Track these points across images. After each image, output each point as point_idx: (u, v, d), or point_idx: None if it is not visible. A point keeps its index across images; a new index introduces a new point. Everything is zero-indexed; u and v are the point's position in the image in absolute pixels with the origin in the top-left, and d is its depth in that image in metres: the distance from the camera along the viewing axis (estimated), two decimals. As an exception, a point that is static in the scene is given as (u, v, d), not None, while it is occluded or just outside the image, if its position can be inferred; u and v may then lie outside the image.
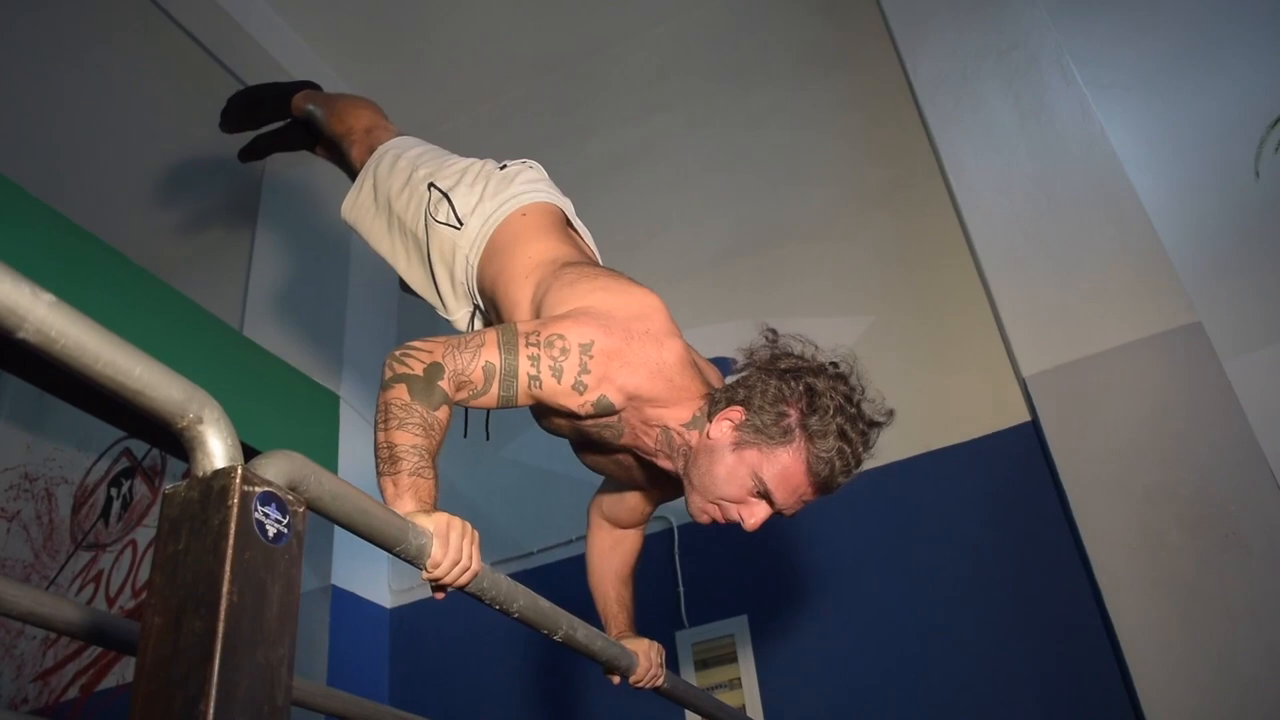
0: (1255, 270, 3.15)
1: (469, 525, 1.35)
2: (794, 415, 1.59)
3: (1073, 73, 3.50)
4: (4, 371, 4.92)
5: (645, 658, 1.92)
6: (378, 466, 1.43)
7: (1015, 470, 3.14)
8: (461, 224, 1.99)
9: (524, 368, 1.55)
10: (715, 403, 1.66)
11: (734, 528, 3.48)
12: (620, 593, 2.12)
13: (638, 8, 4.85)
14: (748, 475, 1.61)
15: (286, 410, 4.01)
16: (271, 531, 0.83)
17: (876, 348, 3.57)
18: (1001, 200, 3.37)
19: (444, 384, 1.49)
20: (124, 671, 4.45)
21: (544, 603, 1.50)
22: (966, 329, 3.45)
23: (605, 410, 1.62)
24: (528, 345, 1.55)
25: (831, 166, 4.07)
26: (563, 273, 1.76)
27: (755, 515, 1.65)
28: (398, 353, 1.50)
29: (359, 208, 2.23)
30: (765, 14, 4.67)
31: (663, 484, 1.92)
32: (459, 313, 2.11)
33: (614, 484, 2.14)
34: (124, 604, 4.61)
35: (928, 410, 3.37)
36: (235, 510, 0.80)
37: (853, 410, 1.61)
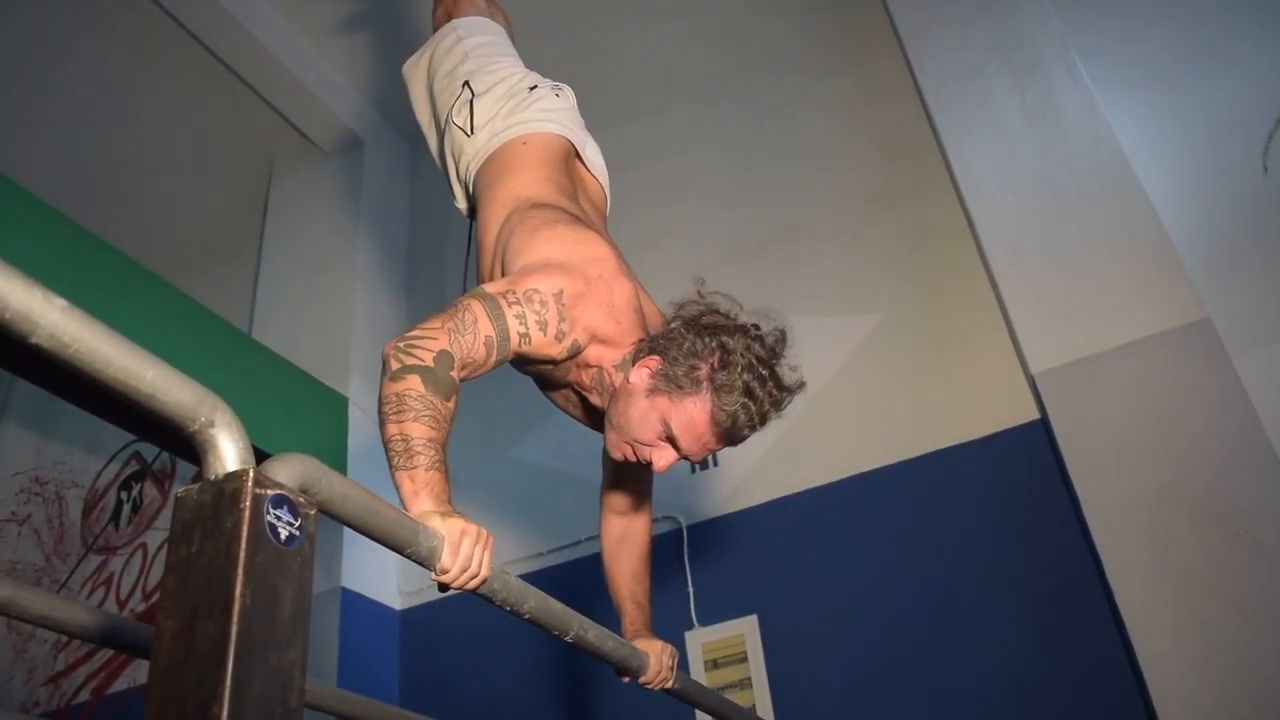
0: (1265, 265, 3.14)
1: (483, 531, 1.35)
2: (704, 369, 1.70)
3: (1079, 69, 3.49)
4: (13, 376, 4.94)
5: (656, 659, 1.91)
6: (391, 460, 1.43)
7: (1025, 468, 3.14)
8: (472, 133, 2.14)
9: (513, 327, 1.62)
10: (640, 350, 1.78)
11: (745, 529, 3.50)
12: (634, 590, 2.11)
13: (643, 8, 4.86)
14: (657, 420, 1.72)
15: (295, 413, 4.01)
16: (283, 534, 0.84)
17: (884, 346, 3.57)
18: (1008, 197, 3.36)
19: (454, 372, 1.51)
20: (135, 674, 4.46)
21: (555, 604, 1.50)
22: (974, 326, 3.44)
23: (575, 352, 1.75)
24: (510, 305, 1.63)
25: (838, 165, 4.07)
26: (529, 215, 1.88)
27: (664, 458, 1.76)
28: (401, 344, 1.50)
29: (415, 72, 2.44)
30: (771, 13, 4.66)
31: (599, 421, 1.97)
32: (462, 204, 2.28)
33: (610, 464, 2.17)
34: (134, 607, 4.62)
35: (936, 408, 3.37)
36: (247, 513, 0.80)
37: (763, 371, 1.71)
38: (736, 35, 4.71)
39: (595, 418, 1.96)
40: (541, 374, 1.89)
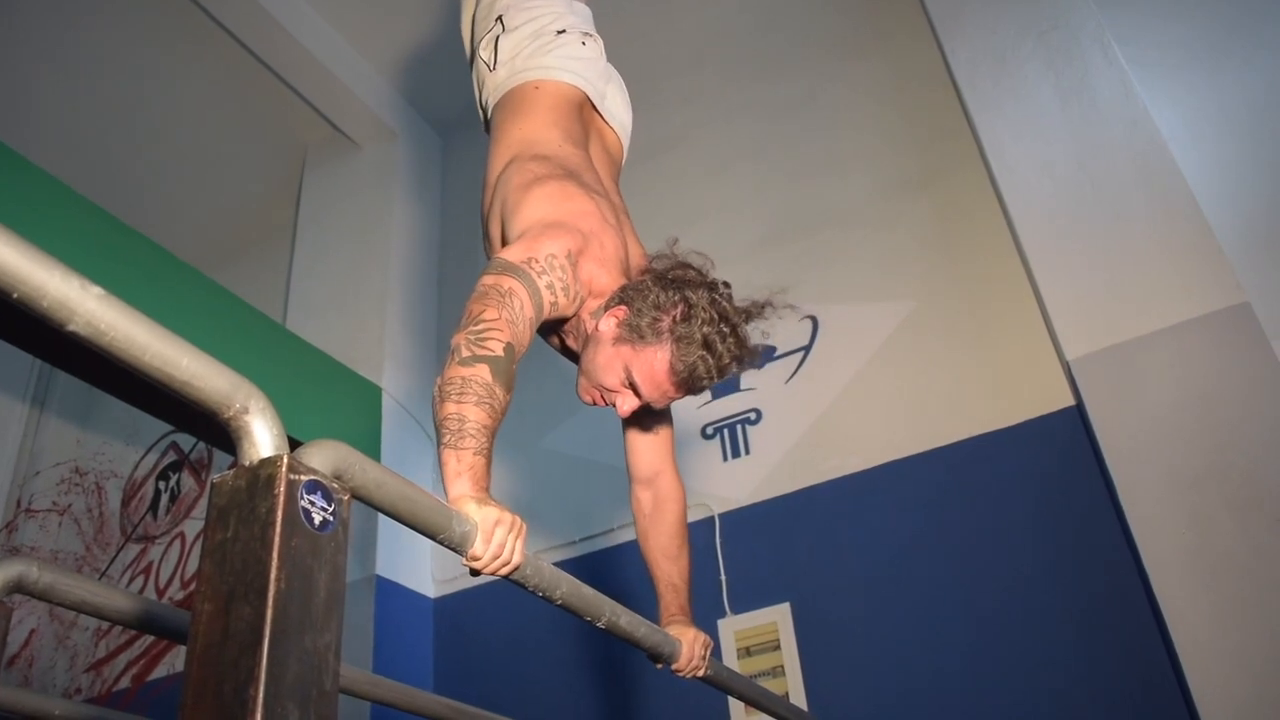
0: (1305, 249, 3.09)
1: (517, 519, 1.36)
2: (666, 321, 1.77)
3: (1114, 51, 3.44)
4: (54, 368, 5.01)
5: (689, 647, 1.90)
6: (441, 437, 1.45)
7: (1060, 455, 3.11)
8: (493, 68, 2.23)
9: (546, 299, 1.69)
10: (610, 300, 1.85)
11: (777, 517, 3.50)
12: (668, 571, 2.09)
13: (672, -4, 4.86)
14: (620, 367, 1.81)
15: (329, 402, 4.05)
16: (317, 519, 0.84)
17: (919, 333, 3.55)
18: (1043, 182, 3.33)
19: (514, 365, 1.55)
20: (174, 661, 4.52)
21: (587, 590, 1.50)
22: (1009, 313, 3.41)
23: (580, 304, 1.83)
24: (540, 275, 1.69)
25: (870, 152, 4.04)
26: (525, 167, 1.94)
27: (626, 403, 1.84)
28: (470, 335, 1.53)
29: None
30: (801, 0, 4.64)
31: (575, 356, 2.03)
32: (484, 128, 2.33)
33: (625, 429, 2.18)
34: (173, 595, 4.68)
35: (971, 395, 3.35)
36: (282, 498, 0.81)
37: (724, 327, 1.78)
38: (767, 20, 4.68)
39: (571, 353, 2.02)
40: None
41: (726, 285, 1.87)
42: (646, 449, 2.17)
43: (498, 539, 1.31)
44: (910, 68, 4.12)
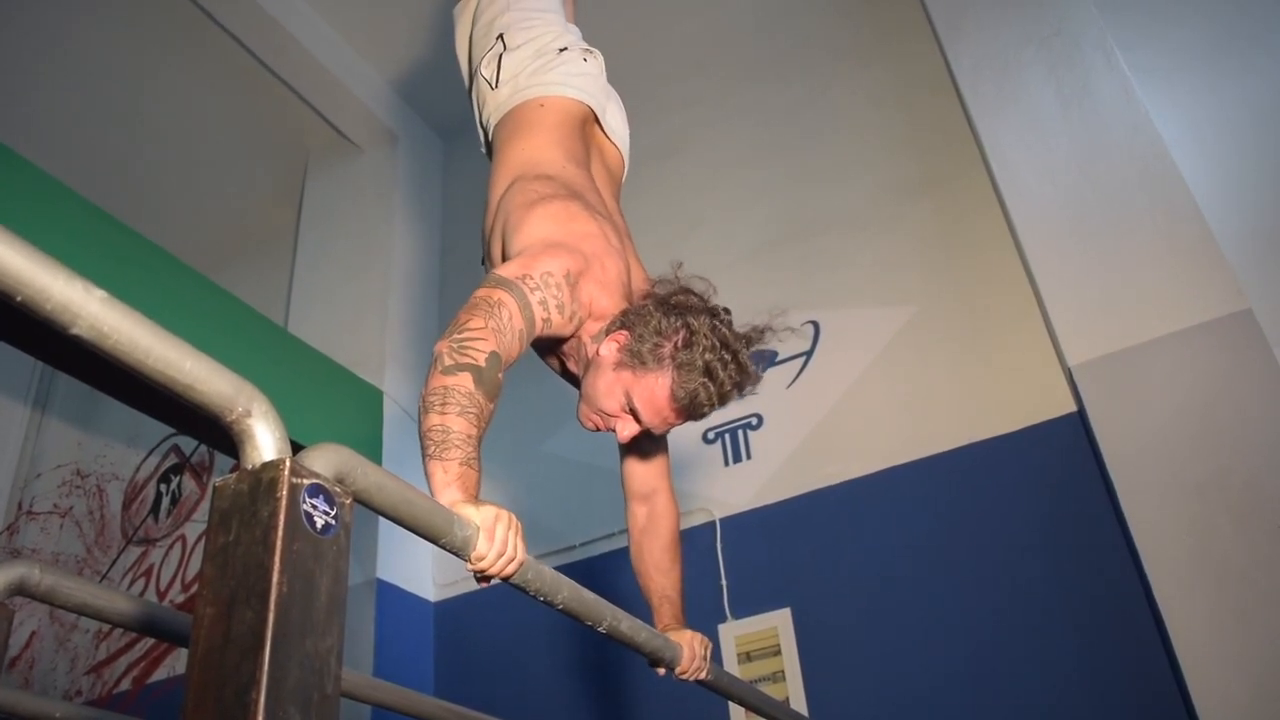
0: (1307, 255, 3.09)
1: (514, 517, 1.36)
2: (668, 347, 1.75)
3: (1116, 57, 3.44)
4: (56, 370, 5.01)
5: (690, 649, 1.91)
6: (425, 449, 1.44)
7: (1061, 461, 3.11)
8: (495, 86, 2.21)
9: (538, 314, 1.68)
10: (611, 324, 1.84)
11: (778, 522, 3.49)
12: (661, 584, 2.10)
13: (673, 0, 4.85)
14: (621, 393, 1.79)
15: (331, 405, 4.05)
16: (319, 523, 0.84)
17: (920, 338, 3.55)
18: (1045, 188, 3.33)
19: (500, 374, 1.54)
20: (174, 664, 4.52)
21: (588, 594, 1.50)
22: (1010, 318, 3.41)
23: (579, 325, 1.81)
24: (532, 290, 1.67)
25: (872, 157, 4.04)
26: (529, 186, 1.93)
27: (626, 429, 1.83)
28: (453, 344, 1.53)
29: (463, 15, 2.50)
30: (803, 5, 4.64)
31: (576, 380, 2.02)
32: (484, 148, 2.34)
33: (622, 446, 2.17)
34: (174, 598, 4.68)
35: (972, 401, 3.34)
36: (284, 502, 0.81)
37: (725, 354, 1.76)
38: (769, 24, 4.69)
39: (573, 377, 2.01)
40: (540, 341, 1.94)
41: (727, 311, 1.85)
42: (643, 468, 2.18)
43: (500, 536, 1.31)
44: (912, 72, 4.12)
